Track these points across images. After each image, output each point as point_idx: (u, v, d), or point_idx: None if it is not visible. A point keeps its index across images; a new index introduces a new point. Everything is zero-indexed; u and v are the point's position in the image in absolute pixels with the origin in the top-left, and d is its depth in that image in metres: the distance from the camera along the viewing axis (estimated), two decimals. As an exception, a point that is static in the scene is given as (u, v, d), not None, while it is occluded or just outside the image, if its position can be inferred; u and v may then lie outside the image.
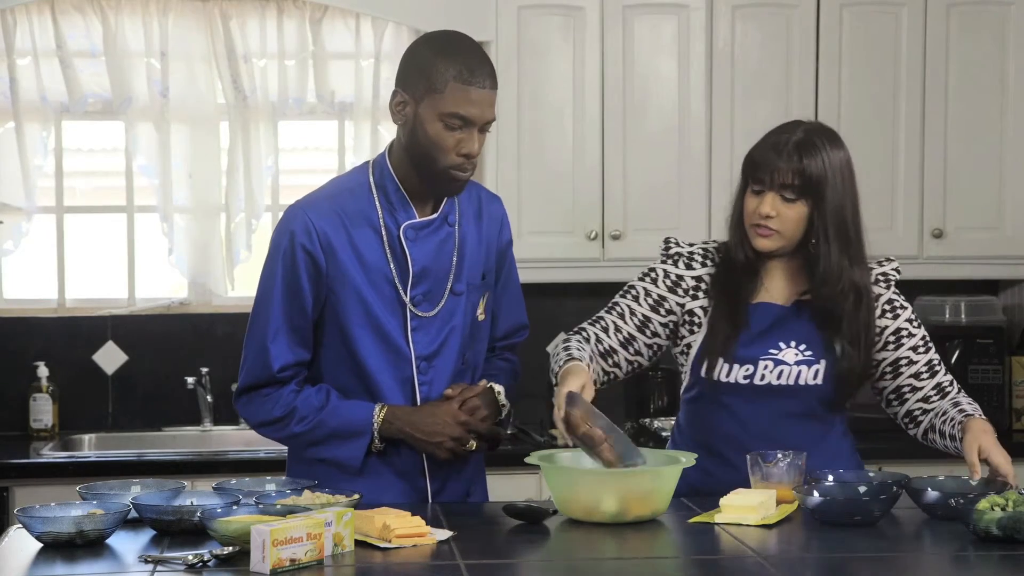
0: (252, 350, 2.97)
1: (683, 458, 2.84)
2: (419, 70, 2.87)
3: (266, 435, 3.04)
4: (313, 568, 2.40)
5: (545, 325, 5.09)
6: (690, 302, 3.08)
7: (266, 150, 4.87)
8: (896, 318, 3.08)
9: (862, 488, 2.81)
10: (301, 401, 2.95)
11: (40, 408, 4.75)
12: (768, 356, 3.01)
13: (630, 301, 3.10)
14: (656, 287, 3.10)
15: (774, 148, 2.98)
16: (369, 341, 2.95)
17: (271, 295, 2.94)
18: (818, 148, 2.97)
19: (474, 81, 2.85)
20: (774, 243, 3.00)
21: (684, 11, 4.71)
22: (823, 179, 2.95)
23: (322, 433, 2.95)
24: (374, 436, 2.94)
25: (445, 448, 2.95)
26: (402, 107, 2.90)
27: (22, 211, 4.78)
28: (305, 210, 2.94)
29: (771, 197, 2.96)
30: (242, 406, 3.02)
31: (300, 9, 4.85)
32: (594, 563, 2.53)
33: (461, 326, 3.02)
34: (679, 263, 3.11)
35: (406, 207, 2.96)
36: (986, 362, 4.77)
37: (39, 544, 2.56)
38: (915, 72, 4.78)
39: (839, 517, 2.69)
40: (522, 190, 4.69)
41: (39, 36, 4.74)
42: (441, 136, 2.85)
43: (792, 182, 2.95)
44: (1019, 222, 4.83)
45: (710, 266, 3.10)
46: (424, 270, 2.97)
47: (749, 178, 3.01)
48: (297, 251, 2.92)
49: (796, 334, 3.03)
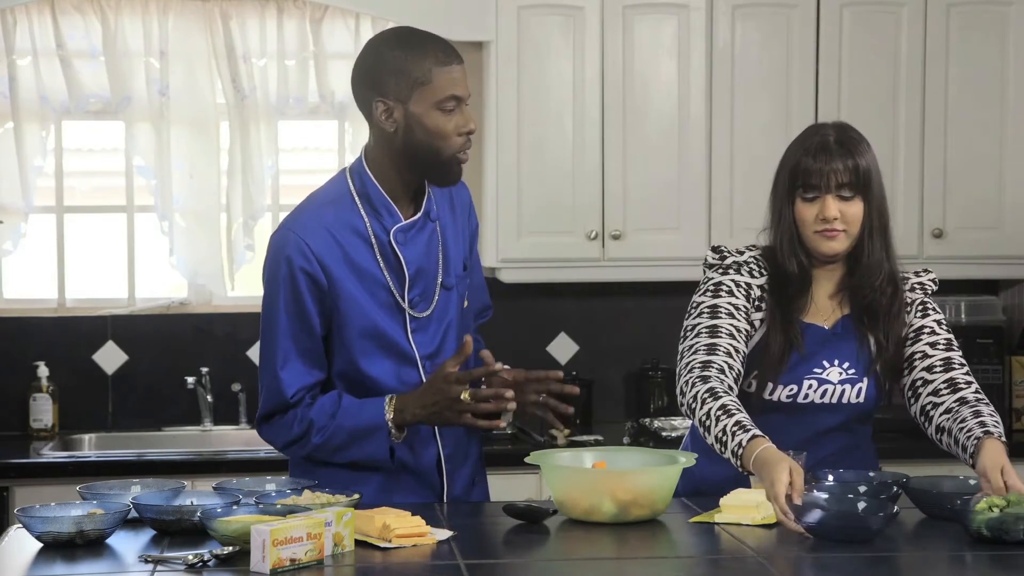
0: (266, 379, 2.97)
1: (683, 458, 2.84)
2: (395, 71, 2.87)
3: (293, 454, 3.03)
4: (313, 568, 2.40)
5: (545, 325, 5.09)
6: (754, 312, 3.05)
7: (266, 150, 4.87)
8: (925, 317, 3.08)
9: (860, 504, 2.69)
10: (316, 412, 2.94)
11: (40, 408, 4.75)
12: (812, 376, 3.01)
13: (727, 320, 2.98)
14: (736, 298, 3.01)
15: (821, 152, 2.97)
16: (373, 351, 2.95)
17: (276, 323, 2.93)
18: (858, 142, 3.01)
19: (450, 60, 2.89)
20: (842, 243, 2.99)
21: (684, 11, 4.71)
22: (870, 172, 2.99)
23: (341, 438, 2.94)
24: (390, 428, 2.93)
25: (457, 412, 2.88)
26: (389, 114, 2.89)
27: (22, 211, 4.78)
28: (295, 231, 2.92)
29: (831, 200, 2.96)
30: (264, 432, 3.02)
31: (300, 9, 4.85)
32: (594, 563, 2.54)
33: (455, 320, 3.03)
34: (742, 271, 3.05)
35: (391, 211, 2.96)
36: (986, 362, 4.77)
37: (39, 544, 2.56)
38: (915, 72, 4.78)
39: (835, 534, 2.58)
40: (522, 190, 4.69)
41: (39, 36, 4.74)
42: (440, 124, 2.87)
43: (849, 180, 2.96)
44: (1019, 222, 4.83)
45: (765, 276, 3.06)
46: (418, 271, 2.97)
47: (799, 187, 2.99)
48: (297, 275, 2.90)
49: (840, 353, 3.03)
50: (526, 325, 5.04)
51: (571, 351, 5.08)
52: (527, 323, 5.05)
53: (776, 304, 3.02)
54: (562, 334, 5.08)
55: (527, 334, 5.05)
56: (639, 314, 5.06)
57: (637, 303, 5.04)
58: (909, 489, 2.83)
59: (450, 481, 3.04)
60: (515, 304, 4.95)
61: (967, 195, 4.81)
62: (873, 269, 3.01)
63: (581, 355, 5.08)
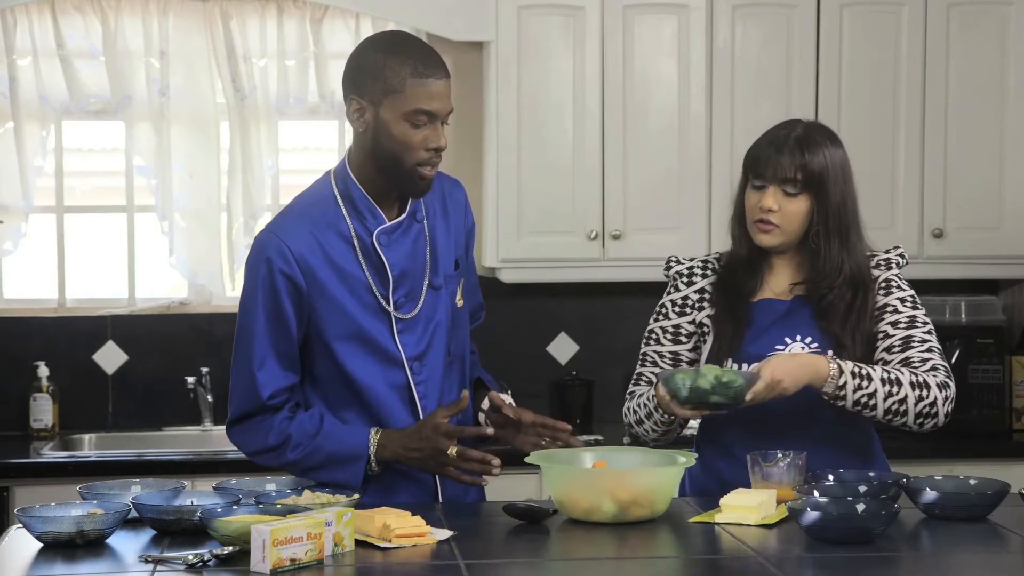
0: (240, 380, 2.96)
1: (683, 458, 2.84)
2: (372, 74, 2.86)
3: (262, 463, 3.02)
4: (313, 568, 2.40)
5: (545, 325, 5.09)
6: (698, 315, 3.11)
7: (266, 150, 4.87)
8: (888, 295, 3.07)
9: (860, 506, 2.67)
10: (295, 428, 2.94)
11: (40, 408, 4.75)
12: (775, 352, 3.01)
13: (655, 346, 3.15)
14: (668, 320, 3.15)
15: (775, 143, 3.02)
16: (358, 354, 2.94)
17: (254, 324, 2.92)
18: (819, 144, 3.01)
19: (430, 74, 2.85)
20: (775, 239, 3.03)
21: (684, 11, 4.71)
22: (824, 174, 2.99)
23: (318, 459, 2.93)
24: (371, 460, 2.93)
25: (440, 463, 2.91)
26: (360, 113, 2.89)
27: (22, 211, 4.78)
28: (276, 234, 2.92)
29: (773, 191, 3.00)
30: (235, 435, 3.00)
31: (300, 9, 4.85)
32: (594, 563, 2.54)
33: (444, 319, 3.02)
34: (679, 283, 3.16)
35: (374, 213, 2.95)
36: (986, 362, 4.76)
37: (39, 544, 2.56)
38: (915, 72, 4.78)
39: (835, 534, 2.58)
40: (522, 190, 4.69)
41: (39, 36, 4.74)
42: (407, 135, 2.85)
43: (794, 176, 2.99)
44: (1019, 222, 4.83)
45: (711, 276, 3.13)
46: (402, 272, 2.96)
47: (750, 174, 3.05)
48: (276, 276, 2.90)
49: (802, 328, 3.04)
50: (526, 325, 5.04)
51: (571, 351, 5.08)
52: (527, 323, 5.05)
53: (723, 290, 3.09)
54: (562, 334, 5.08)
55: (527, 334, 5.05)
56: (639, 314, 5.03)
57: (637, 303, 5.03)
58: (908, 489, 2.83)
59: (443, 482, 3.03)
60: (515, 304, 4.95)
61: (967, 195, 4.81)
62: (829, 272, 3.02)
63: (581, 355, 5.08)
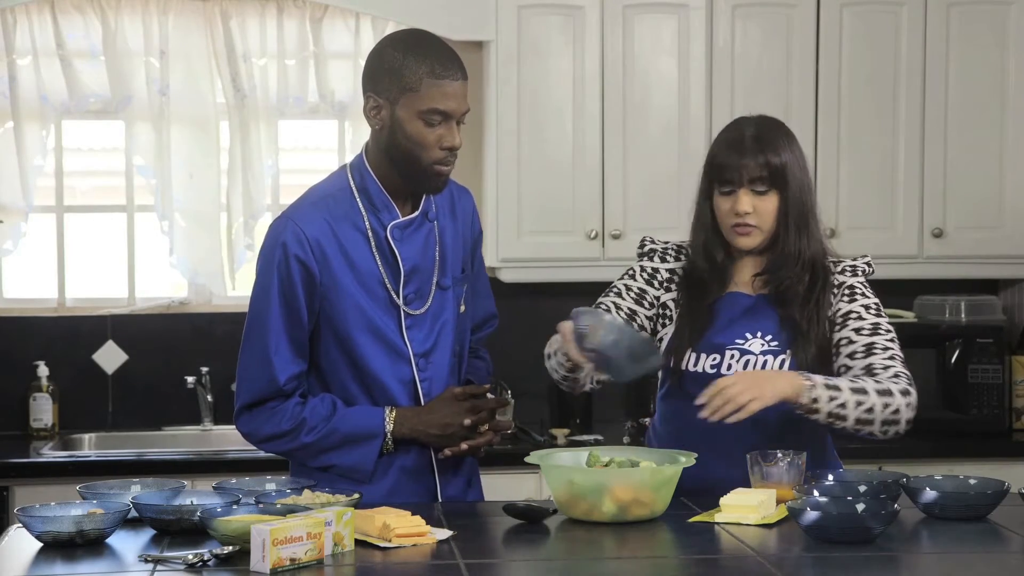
0: (253, 365, 2.96)
1: (683, 458, 2.84)
2: (390, 72, 2.88)
3: (272, 449, 3.02)
4: (313, 568, 2.40)
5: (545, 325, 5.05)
6: (664, 294, 3.14)
7: (266, 150, 4.87)
8: (852, 302, 3.08)
9: (859, 506, 2.67)
10: (309, 412, 2.95)
11: (40, 408, 4.75)
12: (735, 346, 3.04)
13: (614, 298, 3.15)
14: (635, 281, 3.16)
15: (735, 147, 3.04)
16: (369, 344, 2.96)
17: (268, 308, 2.93)
18: (775, 138, 3.05)
19: (447, 75, 2.87)
20: (755, 239, 3.05)
21: (684, 11, 4.71)
22: (786, 166, 3.02)
23: (334, 440, 2.95)
24: (387, 438, 2.94)
25: (459, 438, 2.96)
26: (377, 111, 2.91)
27: (22, 211, 4.78)
28: (293, 220, 2.94)
29: (744, 194, 3.02)
30: (245, 423, 2.99)
31: (300, 9, 4.85)
32: (594, 563, 2.54)
33: (451, 320, 3.04)
34: (654, 258, 3.18)
35: (389, 207, 2.97)
36: (986, 362, 4.76)
37: (39, 544, 2.56)
38: (915, 72, 4.78)
39: (835, 534, 2.58)
40: (522, 190, 4.69)
41: (39, 36, 4.74)
42: (422, 134, 2.87)
43: (761, 175, 3.01)
44: (1019, 222, 4.83)
45: (683, 261, 3.15)
46: (414, 268, 2.98)
47: (715, 181, 3.06)
48: (291, 262, 2.91)
49: (763, 325, 3.06)
50: (526, 325, 5.03)
51: (571, 351, 5.07)
52: (527, 323, 5.03)
53: (689, 285, 3.10)
54: (562, 333, 5.07)
55: (527, 334, 5.04)
56: (639, 314, 5.05)
57: (637, 303, 5.03)
58: (908, 489, 2.83)
59: (444, 481, 3.04)
60: (515, 304, 4.94)
61: (967, 195, 4.81)
62: (788, 259, 3.05)
63: (581, 355, 5.07)
